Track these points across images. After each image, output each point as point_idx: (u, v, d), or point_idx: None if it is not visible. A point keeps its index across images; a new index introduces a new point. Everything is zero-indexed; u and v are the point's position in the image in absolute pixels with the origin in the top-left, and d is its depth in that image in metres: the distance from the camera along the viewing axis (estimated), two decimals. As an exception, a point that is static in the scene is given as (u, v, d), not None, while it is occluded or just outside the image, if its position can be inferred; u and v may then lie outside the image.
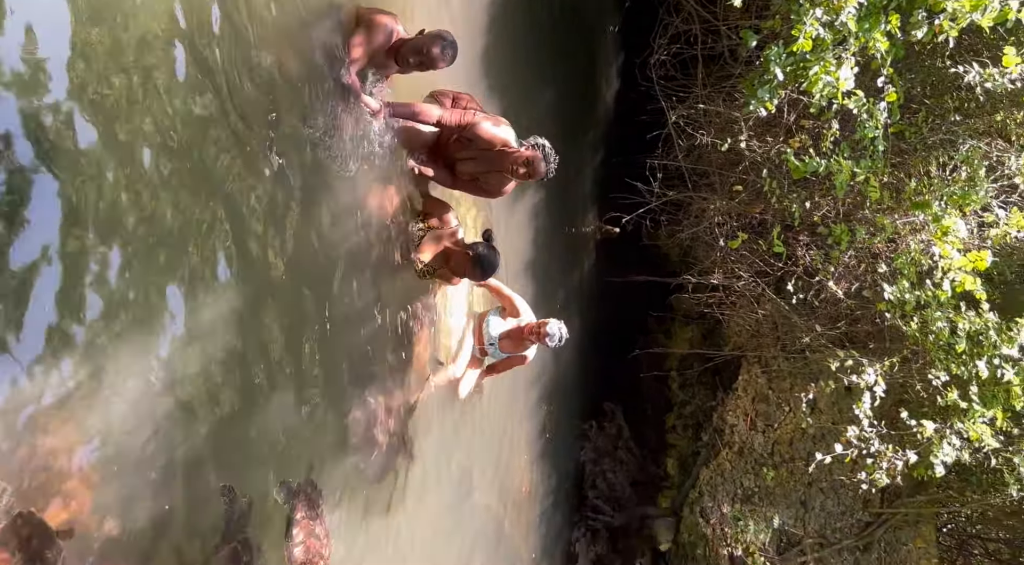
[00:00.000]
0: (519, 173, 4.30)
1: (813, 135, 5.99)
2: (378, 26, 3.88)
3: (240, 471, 3.20)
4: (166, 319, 2.70)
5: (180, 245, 2.72)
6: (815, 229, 6.61)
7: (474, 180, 4.54)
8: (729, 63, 6.90)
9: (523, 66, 6.87)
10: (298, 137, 3.45)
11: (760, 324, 7.57)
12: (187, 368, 2.79)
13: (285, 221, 3.34)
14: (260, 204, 3.16)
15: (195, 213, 2.79)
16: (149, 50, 2.58)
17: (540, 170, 4.27)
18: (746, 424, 7.93)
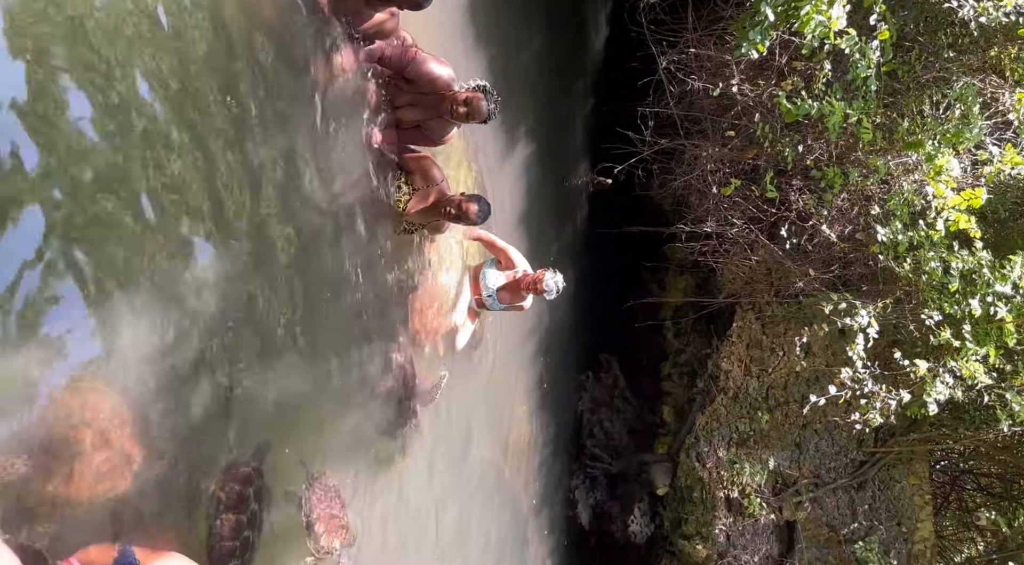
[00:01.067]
0: (459, 113, 4.10)
1: (805, 77, 5.92)
2: None
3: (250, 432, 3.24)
4: (171, 284, 2.70)
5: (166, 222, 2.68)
6: (808, 173, 6.57)
7: (416, 128, 4.40)
8: (719, 6, 6.77)
9: (510, 15, 6.75)
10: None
11: (754, 271, 7.58)
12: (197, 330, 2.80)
13: (270, 190, 3.30)
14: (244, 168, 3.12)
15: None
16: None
17: (481, 110, 4.09)
18: (741, 370, 8.00)
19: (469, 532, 6.16)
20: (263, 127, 3.21)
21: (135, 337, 2.57)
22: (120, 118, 2.48)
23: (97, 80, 2.39)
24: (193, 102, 2.80)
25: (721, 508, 7.96)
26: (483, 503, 6.51)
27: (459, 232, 5.51)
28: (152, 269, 2.63)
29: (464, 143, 5.87)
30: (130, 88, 2.51)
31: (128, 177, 2.51)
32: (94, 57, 2.38)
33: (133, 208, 2.54)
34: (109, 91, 2.43)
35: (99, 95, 2.39)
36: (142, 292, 2.59)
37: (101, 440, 2.51)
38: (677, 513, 8.30)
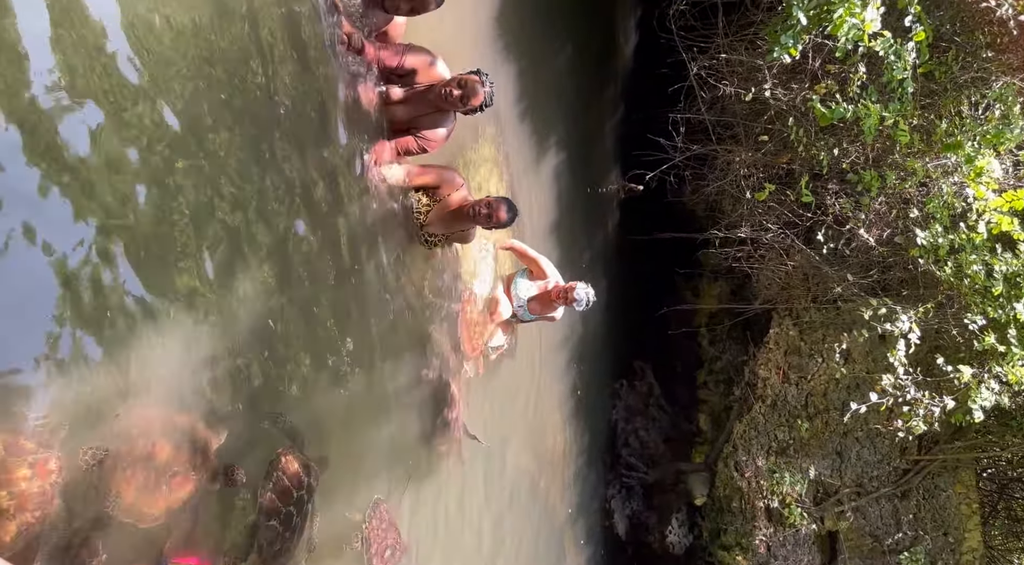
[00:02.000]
0: (454, 97, 3.85)
1: (839, 80, 5.84)
2: None
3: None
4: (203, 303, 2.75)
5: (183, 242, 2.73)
6: (844, 176, 6.48)
7: (409, 129, 4.14)
8: (750, 10, 6.71)
9: (540, 24, 6.77)
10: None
11: (790, 276, 7.48)
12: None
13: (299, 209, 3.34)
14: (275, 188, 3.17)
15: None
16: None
17: (477, 90, 3.86)
18: (779, 377, 7.89)
19: (505, 542, 6.16)
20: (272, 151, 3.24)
21: (186, 356, 2.63)
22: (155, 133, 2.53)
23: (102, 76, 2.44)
24: (204, 121, 2.85)
25: (761, 518, 7.84)
26: (519, 513, 6.50)
27: (490, 242, 5.53)
28: (196, 295, 2.69)
29: (495, 151, 5.90)
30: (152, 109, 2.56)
31: (164, 196, 2.57)
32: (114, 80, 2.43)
33: (170, 227, 2.59)
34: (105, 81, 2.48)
35: (113, 101, 2.45)
36: (190, 315, 2.65)
37: (174, 455, 2.63)
38: (716, 523, 8.19)
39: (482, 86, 3.90)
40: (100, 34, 2.29)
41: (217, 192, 2.77)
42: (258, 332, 3.01)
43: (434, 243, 4.53)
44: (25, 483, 2.22)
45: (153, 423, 2.59)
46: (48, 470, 2.27)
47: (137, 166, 2.43)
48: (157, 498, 2.62)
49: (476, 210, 4.31)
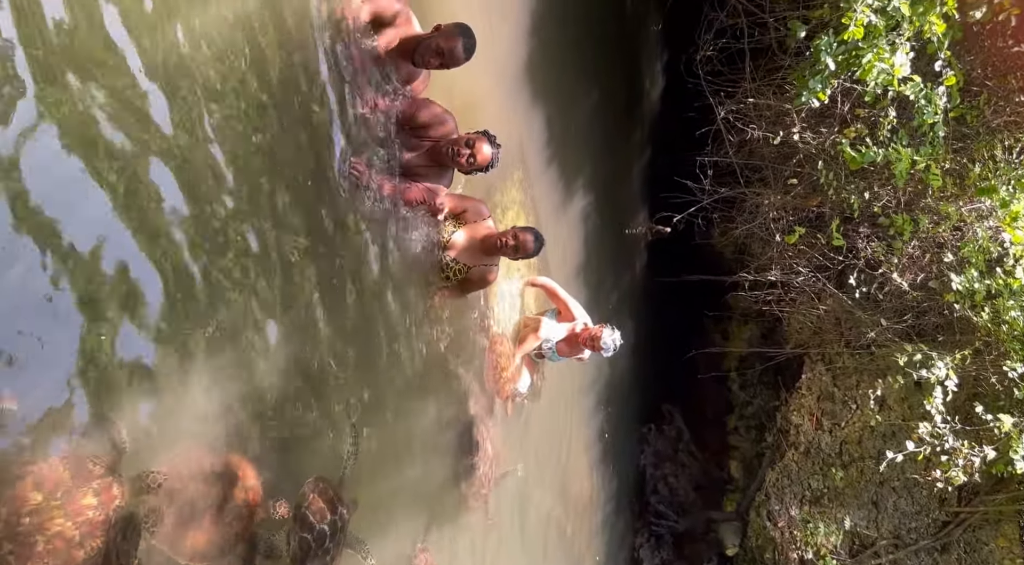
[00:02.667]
0: (459, 155, 3.83)
1: (869, 124, 5.81)
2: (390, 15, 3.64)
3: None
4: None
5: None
6: (876, 220, 6.41)
7: (416, 176, 4.06)
8: (778, 55, 6.74)
9: (567, 69, 6.85)
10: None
11: (822, 320, 7.36)
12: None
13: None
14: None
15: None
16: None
17: (484, 152, 3.85)
18: (812, 423, 7.72)
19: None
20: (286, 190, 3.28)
21: (225, 396, 2.72)
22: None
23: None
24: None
25: (795, 570, 7.61)
26: (546, 562, 6.37)
27: (519, 279, 5.52)
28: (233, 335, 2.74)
29: (522, 194, 5.93)
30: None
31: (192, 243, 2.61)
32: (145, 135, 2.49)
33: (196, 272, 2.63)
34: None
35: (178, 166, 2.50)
36: (228, 358, 2.71)
37: (221, 492, 2.71)
38: (748, 575, 7.96)
39: (489, 147, 3.89)
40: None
41: (244, 237, 2.81)
42: (289, 373, 3.05)
43: (454, 271, 4.37)
44: (92, 511, 2.26)
45: (199, 461, 2.65)
46: (112, 495, 2.31)
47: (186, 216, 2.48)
48: (201, 533, 2.66)
49: (503, 242, 4.32)
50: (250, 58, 2.84)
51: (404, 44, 3.70)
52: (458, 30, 3.66)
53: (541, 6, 6.03)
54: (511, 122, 5.75)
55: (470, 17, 4.89)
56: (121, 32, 2.30)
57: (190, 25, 2.57)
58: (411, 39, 3.70)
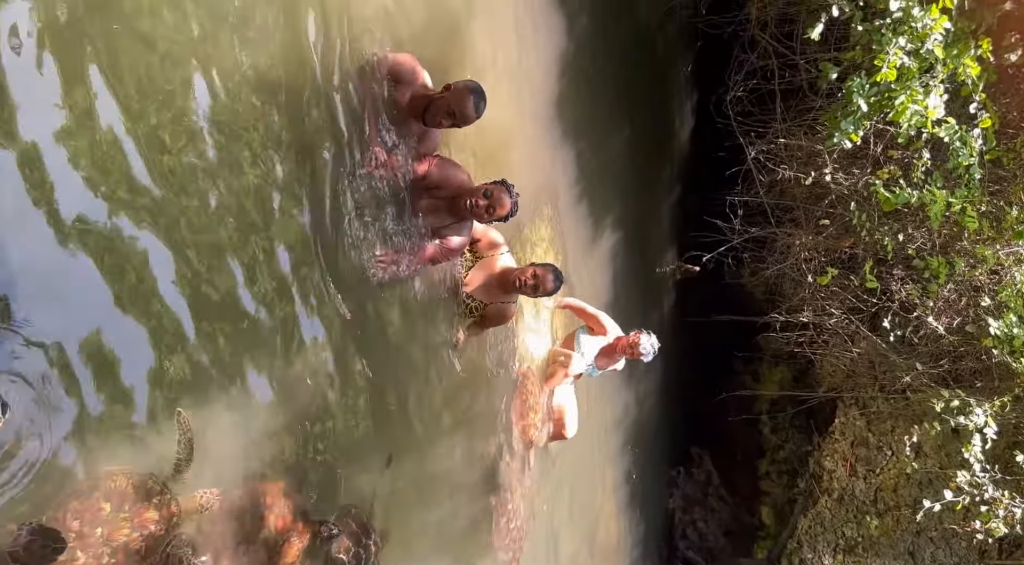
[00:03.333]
0: (478, 207, 3.75)
1: (903, 165, 5.76)
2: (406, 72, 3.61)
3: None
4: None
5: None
6: (910, 262, 6.31)
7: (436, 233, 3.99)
8: (809, 96, 6.74)
9: (597, 109, 6.90)
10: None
11: (856, 363, 7.22)
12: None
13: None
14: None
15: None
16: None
17: (503, 201, 3.76)
18: (845, 469, 7.53)
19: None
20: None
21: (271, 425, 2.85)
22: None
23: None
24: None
25: (828, 621, 7.36)
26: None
27: (547, 313, 5.50)
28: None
29: (551, 231, 5.94)
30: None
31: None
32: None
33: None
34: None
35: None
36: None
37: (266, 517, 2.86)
38: (779, 625, 7.72)
39: (508, 196, 3.81)
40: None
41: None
42: (325, 411, 3.18)
43: (471, 308, 4.32)
44: (154, 525, 2.38)
45: (243, 487, 2.78)
46: (172, 511, 2.43)
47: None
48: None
49: (522, 281, 4.23)
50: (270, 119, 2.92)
51: (415, 102, 3.66)
52: (468, 89, 3.59)
53: (572, 46, 6.10)
54: (541, 159, 5.79)
55: (504, 56, 5.00)
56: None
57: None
58: (422, 98, 3.66)
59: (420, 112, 3.64)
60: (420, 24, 3.99)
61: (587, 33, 6.40)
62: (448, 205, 3.90)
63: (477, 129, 4.39)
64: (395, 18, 3.76)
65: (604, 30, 6.78)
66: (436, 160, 3.88)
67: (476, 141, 4.46)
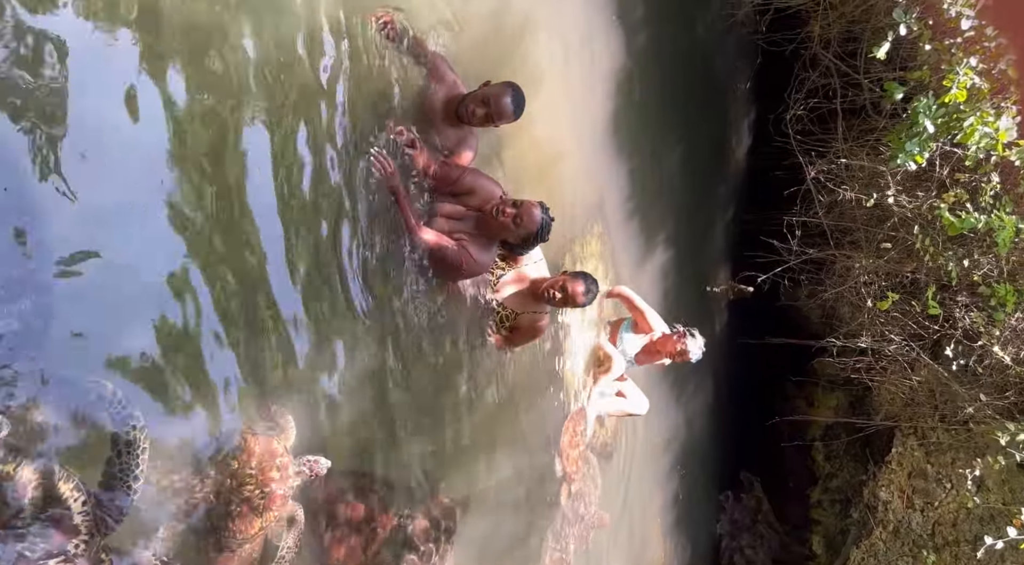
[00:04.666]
0: (506, 215, 3.47)
1: (970, 189, 5.58)
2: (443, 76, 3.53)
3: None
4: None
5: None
6: (975, 289, 6.09)
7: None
8: (872, 116, 6.58)
9: (651, 125, 6.86)
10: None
11: (915, 392, 6.99)
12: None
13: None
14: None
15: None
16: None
17: (533, 215, 3.48)
18: (902, 501, 7.27)
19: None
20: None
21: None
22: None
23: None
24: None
25: (880, 658, 7.09)
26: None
27: (594, 329, 5.44)
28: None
29: (602, 247, 5.91)
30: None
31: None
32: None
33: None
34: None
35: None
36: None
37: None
38: (828, 659, 7.47)
39: (540, 212, 3.51)
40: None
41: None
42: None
43: (501, 317, 4.10)
44: (274, 484, 2.61)
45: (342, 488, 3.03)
46: (288, 475, 2.66)
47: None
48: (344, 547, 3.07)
49: (550, 293, 3.97)
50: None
51: (450, 103, 3.55)
52: (507, 84, 3.50)
53: (630, 62, 6.08)
54: (594, 175, 5.77)
55: (560, 70, 5.01)
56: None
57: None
58: (457, 97, 3.55)
59: (455, 112, 3.53)
60: (477, 35, 4.02)
61: (645, 49, 6.38)
62: (477, 221, 3.61)
63: (532, 142, 4.40)
64: (452, 27, 3.79)
65: (662, 46, 6.75)
66: (471, 170, 3.71)
67: (530, 154, 4.47)
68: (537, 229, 3.49)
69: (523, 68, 4.48)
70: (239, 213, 2.58)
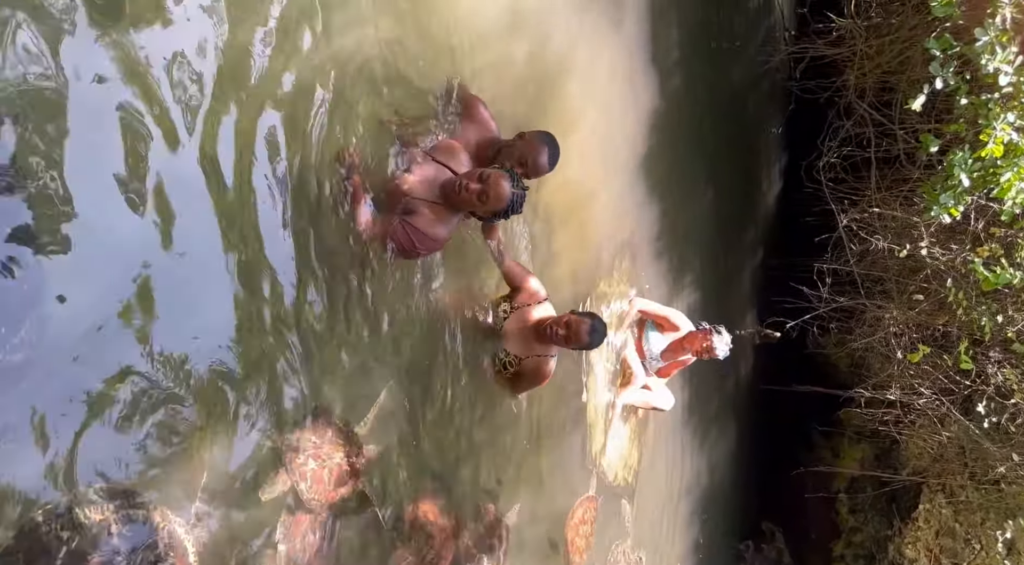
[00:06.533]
0: (470, 191, 3.06)
1: (1005, 244, 5.50)
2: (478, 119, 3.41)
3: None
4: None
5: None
6: (1009, 346, 5.97)
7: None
8: (906, 166, 6.54)
9: (682, 167, 6.87)
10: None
11: (944, 447, 6.83)
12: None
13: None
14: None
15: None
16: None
17: (501, 189, 3.07)
18: (928, 560, 7.07)
19: None
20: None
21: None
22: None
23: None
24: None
25: None
26: None
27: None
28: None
29: (628, 286, 5.89)
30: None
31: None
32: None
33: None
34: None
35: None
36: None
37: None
38: None
39: (509, 185, 3.10)
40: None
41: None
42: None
43: (507, 364, 3.87)
44: (340, 459, 2.93)
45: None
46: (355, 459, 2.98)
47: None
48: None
49: (553, 330, 3.70)
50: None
51: (482, 147, 3.41)
52: (543, 139, 3.35)
53: (663, 104, 6.12)
54: (623, 213, 5.78)
55: (593, 111, 5.05)
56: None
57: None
58: (490, 142, 3.40)
59: (486, 158, 3.39)
60: (515, 74, 4.08)
61: (679, 91, 6.42)
62: (440, 190, 3.20)
63: (563, 181, 4.42)
64: (487, 73, 3.84)
65: (696, 89, 6.79)
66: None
67: (559, 193, 4.49)
68: (507, 206, 3.13)
69: (557, 109, 4.53)
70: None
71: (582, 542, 4.90)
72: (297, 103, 2.73)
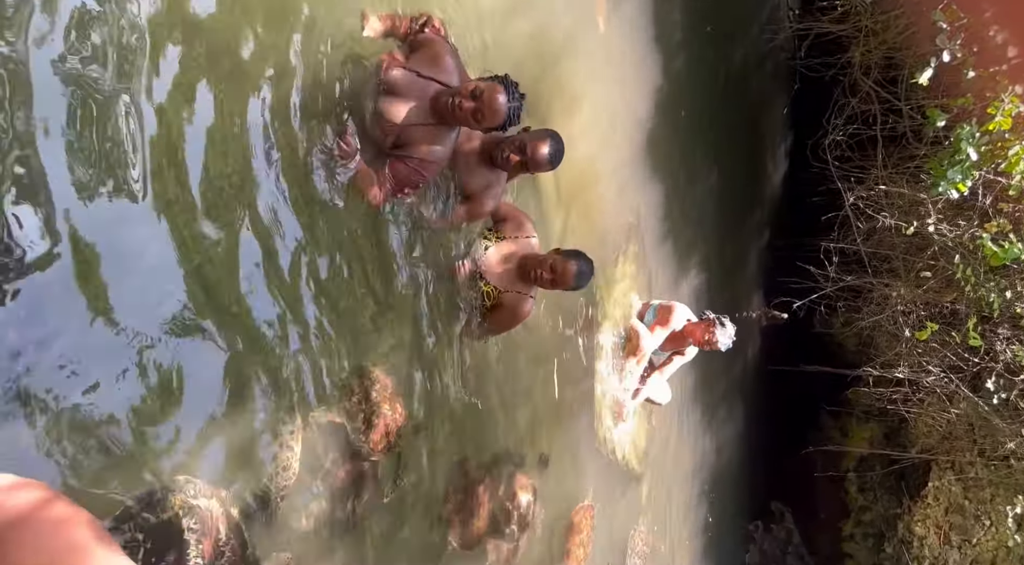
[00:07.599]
0: (463, 109, 2.90)
1: (1013, 219, 5.46)
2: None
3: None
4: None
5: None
6: (1018, 322, 5.94)
7: (397, 148, 3.04)
8: (912, 143, 6.50)
9: (687, 149, 6.85)
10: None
11: (953, 425, 6.82)
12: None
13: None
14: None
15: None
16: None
17: (497, 103, 2.91)
18: (938, 537, 7.08)
19: None
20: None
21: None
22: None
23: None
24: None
25: None
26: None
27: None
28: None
29: (636, 269, 5.88)
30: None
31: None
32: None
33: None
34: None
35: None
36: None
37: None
38: None
39: (504, 98, 2.91)
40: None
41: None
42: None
43: (486, 294, 3.65)
44: (388, 412, 3.12)
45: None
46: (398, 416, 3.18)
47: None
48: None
49: (538, 273, 3.53)
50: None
51: (486, 143, 3.37)
52: (547, 133, 3.33)
53: (667, 85, 6.09)
54: (629, 197, 5.76)
55: (596, 93, 5.02)
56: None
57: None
58: (492, 139, 3.35)
59: (490, 154, 3.34)
60: (515, 56, 4.05)
61: (683, 72, 6.38)
62: (432, 101, 2.99)
63: (567, 164, 4.40)
64: (491, 51, 3.82)
65: (700, 69, 6.75)
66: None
67: (565, 176, 4.47)
68: (504, 120, 2.97)
69: (560, 92, 4.50)
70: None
71: (580, 552, 4.94)
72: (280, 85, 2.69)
